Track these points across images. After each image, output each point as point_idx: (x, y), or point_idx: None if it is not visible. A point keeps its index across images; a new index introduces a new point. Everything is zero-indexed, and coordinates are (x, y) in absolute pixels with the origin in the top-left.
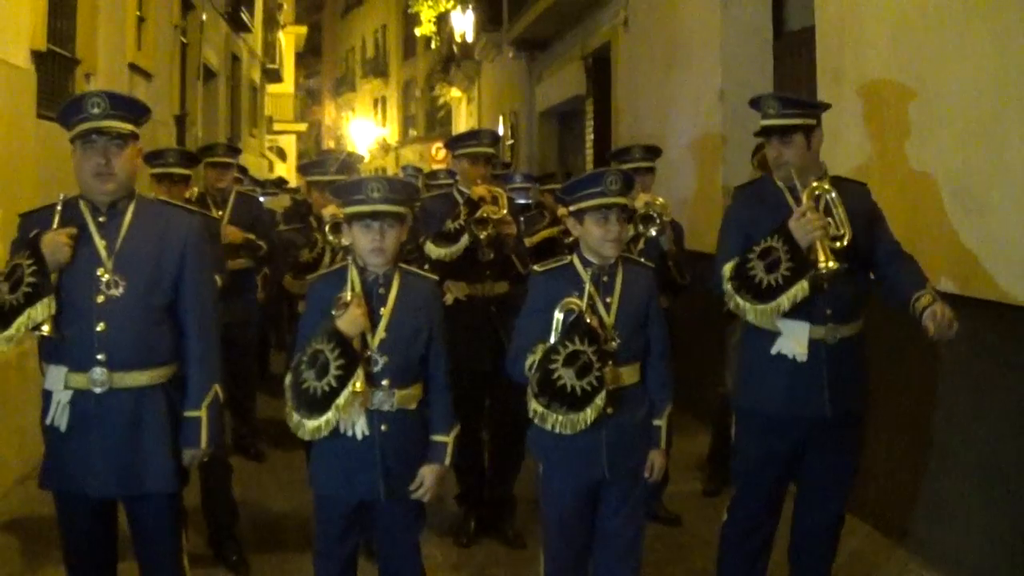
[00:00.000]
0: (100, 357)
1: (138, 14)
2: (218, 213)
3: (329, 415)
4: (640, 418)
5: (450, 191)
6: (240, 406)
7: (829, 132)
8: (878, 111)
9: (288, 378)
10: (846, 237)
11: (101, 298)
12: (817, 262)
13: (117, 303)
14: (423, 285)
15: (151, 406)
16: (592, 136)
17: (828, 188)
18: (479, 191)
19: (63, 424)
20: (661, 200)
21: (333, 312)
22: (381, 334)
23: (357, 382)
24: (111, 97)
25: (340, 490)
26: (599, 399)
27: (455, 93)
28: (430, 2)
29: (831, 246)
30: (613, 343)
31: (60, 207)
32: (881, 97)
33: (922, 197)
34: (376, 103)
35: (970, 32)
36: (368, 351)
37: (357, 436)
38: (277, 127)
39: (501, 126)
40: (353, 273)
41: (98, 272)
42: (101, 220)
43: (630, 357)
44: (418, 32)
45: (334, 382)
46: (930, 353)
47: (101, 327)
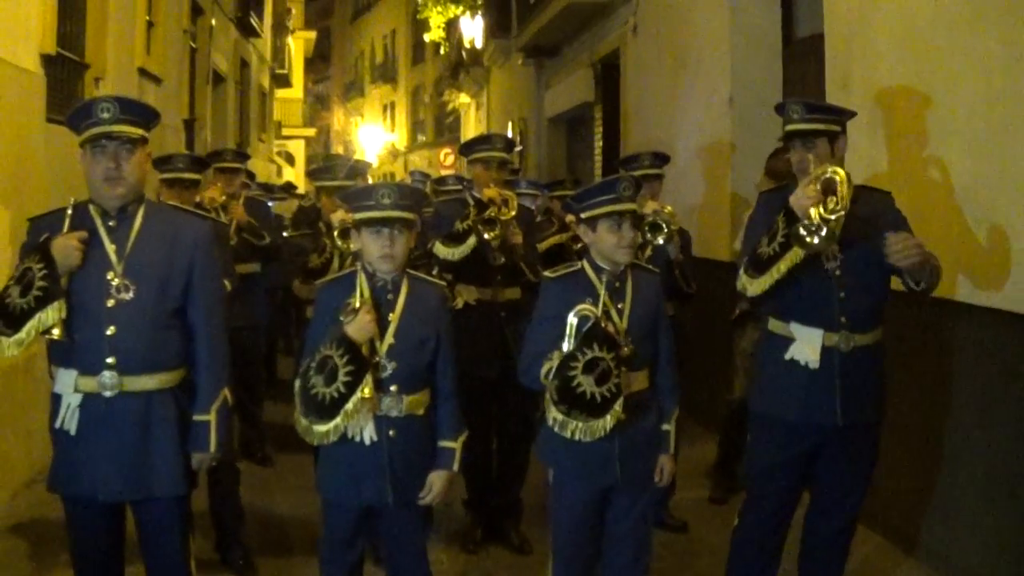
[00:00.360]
0: (110, 361)
1: (147, 18)
2: (225, 219)
3: (337, 421)
4: (650, 423)
5: (464, 196)
6: (247, 411)
7: None
8: (887, 118)
9: (296, 383)
10: (841, 210)
11: (111, 302)
12: (804, 223)
13: (127, 307)
14: (431, 291)
15: (160, 410)
16: (601, 143)
17: (836, 171)
18: (489, 193)
19: (72, 428)
20: (669, 208)
21: (342, 318)
22: (389, 340)
23: (365, 388)
24: (121, 102)
25: (347, 495)
26: (617, 405)
27: (464, 99)
28: (439, 8)
29: (826, 216)
30: (626, 349)
31: (70, 211)
32: (890, 104)
33: (930, 205)
34: (385, 108)
35: (979, 40)
36: (377, 357)
37: (365, 442)
38: (286, 132)
39: (510, 132)
40: (362, 279)
41: (108, 276)
42: (111, 224)
43: (641, 363)
44: (427, 38)
45: (343, 388)
46: (939, 362)
47: (111, 331)
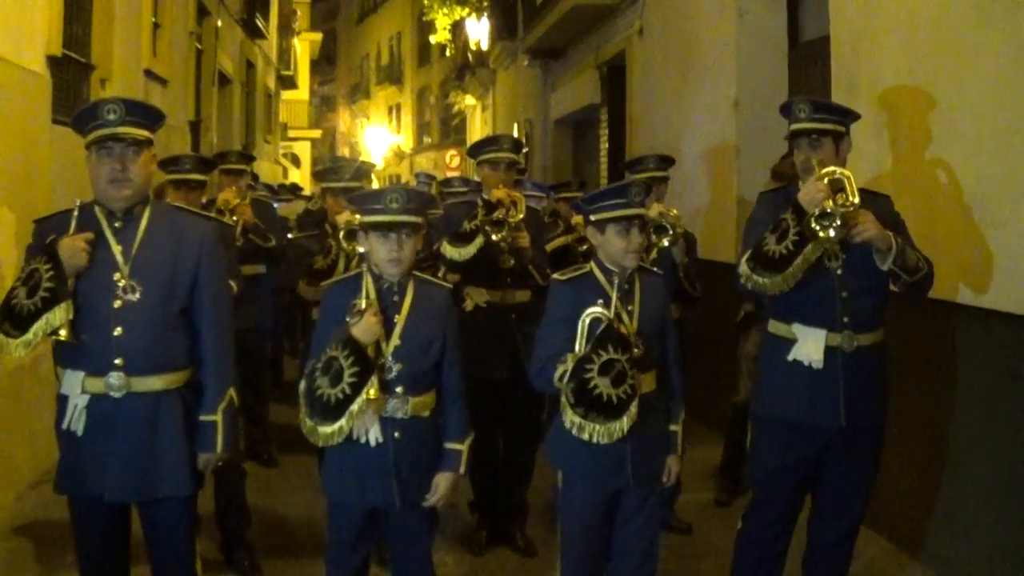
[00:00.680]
0: (117, 362)
1: (153, 20)
2: (231, 220)
3: (343, 422)
4: (660, 424)
5: (474, 198)
6: (253, 412)
7: None
8: (893, 121)
9: (302, 384)
10: (853, 204)
11: (118, 303)
12: (816, 216)
13: (134, 308)
14: (437, 293)
15: (167, 410)
16: (606, 145)
17: (842, 172)
18: (498, 194)
19: (79, 429)
20: (675, 211)
21: (348, 319)
22: (395, 341)
23: (371, 389)
24: (127, 104)
25: (353, 497)
26: (633, 407)
27: (470, 101)
28: (445, 10)
29: (838, 209)
30: (638, 350)
31: (76, 213)
32: (896, 107)
33: (936, 208)
34: (391, 110)
35: (986, 42)
36: (382, 358)
37: (371, 443)
38: (292, 134)
39: (515, 134)
40: (368, 280)
41: (115, 277)
42: (117, 226)
43: (650, 364)
44: (433, 40)
45: (348, 389)
46: (943, 364)
47: (118, 332)
